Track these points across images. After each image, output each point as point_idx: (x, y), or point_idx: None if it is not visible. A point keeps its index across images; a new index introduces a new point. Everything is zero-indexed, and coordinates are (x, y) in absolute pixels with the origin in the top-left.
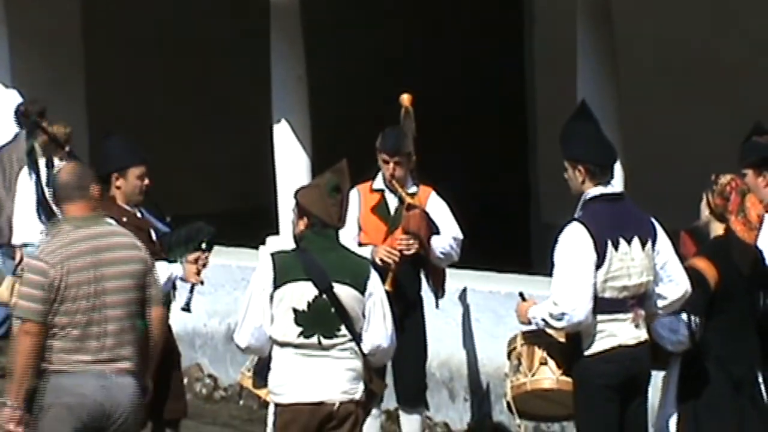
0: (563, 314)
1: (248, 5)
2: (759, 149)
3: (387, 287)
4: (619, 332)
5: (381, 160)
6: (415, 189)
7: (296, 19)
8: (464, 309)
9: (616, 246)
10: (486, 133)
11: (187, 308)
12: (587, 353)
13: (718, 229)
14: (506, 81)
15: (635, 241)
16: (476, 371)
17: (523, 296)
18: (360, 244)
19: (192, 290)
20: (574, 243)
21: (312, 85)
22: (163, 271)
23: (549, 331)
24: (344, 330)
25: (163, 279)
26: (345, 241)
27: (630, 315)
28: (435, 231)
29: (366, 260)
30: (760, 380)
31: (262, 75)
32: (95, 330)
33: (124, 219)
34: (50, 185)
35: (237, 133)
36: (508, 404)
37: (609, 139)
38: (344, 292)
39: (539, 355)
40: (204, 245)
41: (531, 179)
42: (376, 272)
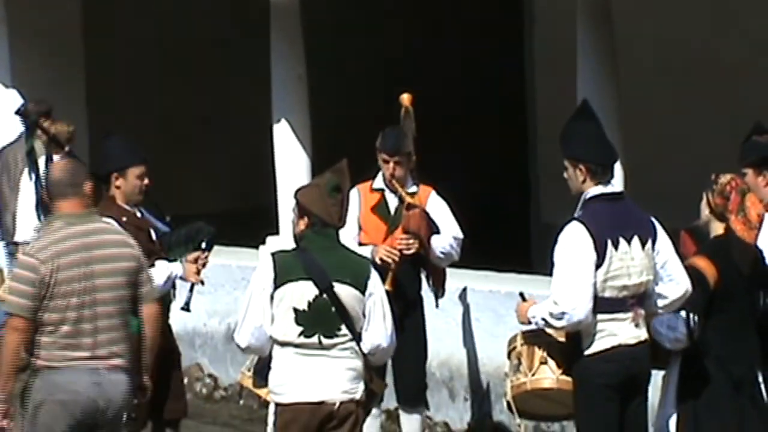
0: (563, 313)
1: (248, 5)
2: (759, 149)
3: (387, 287)
4: (619, 332)
5: (381, 160)
6: (415, 189)
7: (296, 19)
8: (464, 308)
9: (616, 245)
10: (486, 133)
11: (187, 308)
12: (587, 353)
13: (718, 229)
14: (506, 81)
15: (635, 241)
16: (476, 371)
17: (523, 296)
18: (360, 244)
19: (192, 290)
20: (574, 242)
21: (312, 85)
22: (163, 271)
23: (549, 331)
24: (344, 329)
25: (163, 278)
26: (345, 241)
27: (630, 314)
28: (435, 230)
29: (366, 260)
30: (760, 380)
31: (262, 75)
32: (87, 327)
33: (124, 219)
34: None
35: (237, 133)
36: (508, 404)
37: (609, 139)
38: (344, 292)
39: (539, 355)
40: (204, 245)
41: (531, 179)
42: (376, 272)
